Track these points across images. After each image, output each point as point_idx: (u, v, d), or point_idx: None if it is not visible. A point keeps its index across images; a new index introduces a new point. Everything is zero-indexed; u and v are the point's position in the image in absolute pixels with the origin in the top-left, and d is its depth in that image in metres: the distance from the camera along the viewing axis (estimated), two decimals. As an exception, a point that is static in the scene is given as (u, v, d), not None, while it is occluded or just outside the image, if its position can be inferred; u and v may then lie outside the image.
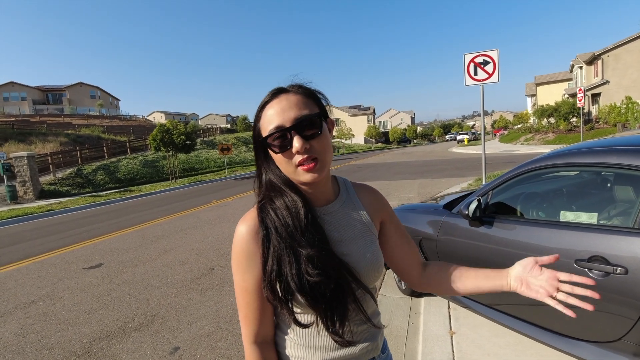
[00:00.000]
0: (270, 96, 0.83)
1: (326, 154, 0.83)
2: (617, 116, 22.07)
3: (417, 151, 33.94)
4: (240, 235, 0.83)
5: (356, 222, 0.92)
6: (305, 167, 0.79)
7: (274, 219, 0.83)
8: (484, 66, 6.95)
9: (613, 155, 1.93)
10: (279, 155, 0.81)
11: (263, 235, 0.82)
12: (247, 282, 0.83)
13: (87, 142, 28.22)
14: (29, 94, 51.31)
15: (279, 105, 0.81)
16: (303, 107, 0.81)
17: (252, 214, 0.86)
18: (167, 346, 2.99)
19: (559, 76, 41.37)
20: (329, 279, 0.79)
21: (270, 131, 0.80)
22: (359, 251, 0.88)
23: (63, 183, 18.46)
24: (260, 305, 0.84)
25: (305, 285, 0.78)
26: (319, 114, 0.83)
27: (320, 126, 0.82)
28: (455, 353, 2.44)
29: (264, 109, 0.83)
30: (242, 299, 0.85)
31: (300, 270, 0.79)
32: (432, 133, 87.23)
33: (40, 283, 4.81)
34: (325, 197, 0.91)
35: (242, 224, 0.84)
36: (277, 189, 0.86)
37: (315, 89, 0.88)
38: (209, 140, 35.56)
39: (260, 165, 0.90)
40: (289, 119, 0.79)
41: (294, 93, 0.83)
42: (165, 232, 7.36)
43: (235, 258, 0.84)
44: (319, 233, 0.83)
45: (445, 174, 13.19)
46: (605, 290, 1.73)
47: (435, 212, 3.04)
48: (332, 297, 0.80)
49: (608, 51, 26.70)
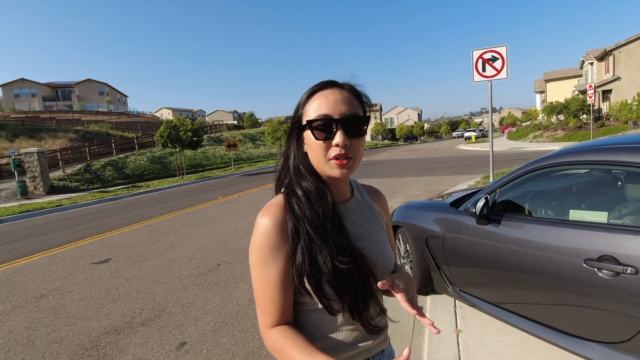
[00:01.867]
0: (323, 85, 0.86)
1: (359, 155, 0.85)
2: (629, 113, 21.69)
3: (424, 148, 33.74)
4: (263, 228, 0.82)
5: (372, 220, 0.96)
6: (339, 162, 0.81)
7: (304, 205, 0.84)
8: (493, 62, 6.86)
9: (625, 153, 1.89)
10: (318, 142, 0.82)
11: (292, 226, 0.82)
12: (269, 275, 0.82)
13: (96, 138, 28.52)
14: (39, 90, 51.96)
15: (332, 96, 0.83)
16: (353, 106, 0.84)
17: (276, 206, 0.85)
18: (173, 341, 3.02)
19: (569, 72, 40.74)
20: (357, 267, 0.83)
21: (318, 117, 0.81)
22: (376, 247, 0.91)
23: (72, 179, 18.68)
24: (283, 297, 0.83)
25: (337, 273, 0.80)
26: (364, 117, 0.86)
27: (363, 129, 0.85)
28: (461, 351, 2.42)
29: (314, 95, 0.85)
30: (262, 292, 0.83)
31: (331, 258, 0.80)
32: (439, 130, 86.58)
33: (50, 277, 4.88)
34: (344, 194, 0.93)
35: (266, 217, 0.83)
36: (304, 176, 0.88)
37: (365, 94, 0.90)
38: (216, 137, 35.69)
39: (290, 147, 0.91)
40: (339, 111, 0.81)
41: (347, 90, 0.86)
42: (172, 228, 7.42)
43: (258, 251, 0.82)
44: (343, 226, 0.86)
45: (452, 171, 13.09)
46: (615, 290, 1.70)
47: (442, 209, 3.02)
48: (358, 287, 0.83)
49: (620, 47, 26.20)
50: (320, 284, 0.80)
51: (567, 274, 1.88)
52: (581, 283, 1.82)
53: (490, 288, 2.47)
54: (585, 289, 1.81)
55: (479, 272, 2.51)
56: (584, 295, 1.82)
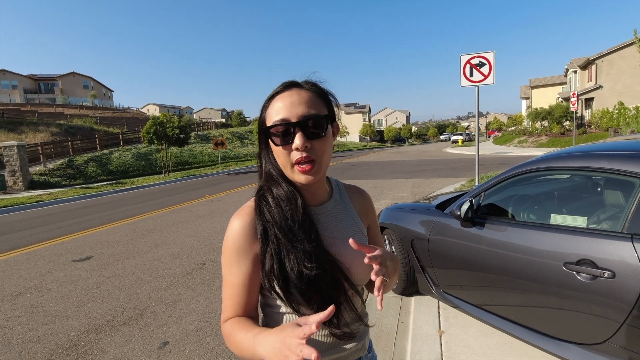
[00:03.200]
0: (283, 87, 0.84)
1: (325, 156, 0.82)
2: (609, 121, 22.34)
3: (412, 151, 34.05)
4: (233, 231, 0.83)
5: (349, 223, 0.93)
6: (302, 168, 0.80)
7: (273, 210, 0.83)
8: (480, 68, 6.98)
9: (604, 160, 1.95)
10: (278, 148, 0.81)
11: (261, 230, 0.82)
12: (233, 277, 0.84)
13: (79, 132, 27.87)
14: (20, 82, 50.46)
15: (289, 98, 0.80)
16: (313, 105, 0.81)
17: (247, 209, 0.86)
18: (156, 341, 2.97)
19: (553, 80, 41.72)
20: (325, 273, 0.80)
21: (275, 122, 0.80)
22: (352, 252, 0.87)
23: (54, 174, 18.22)
24: (243, 299, 0.84)
25: (303, 279, 0.78)
26: (327, 116, 0.83)
27: (325, 128, 0.82)
28: (443, 352, 2.45)
29: (273, 99, 0.83)
30: (226, 291, 0.86)
31: (298, 264, 0.79)
32: (427, 133, 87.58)
33: (28, 275, 4.75)
34: (319, 197, 0.91)
35: (237, 219, 0.84)
36: (276, 180, 0.87)
37: (329, 90, 0.88)
38: (204, 135, 35.30)
39: (261, 153, 0.91)
40: (296, 114, 0.79)
41: (307, 90, 0.83)
42: (157, 225, 7.30)
43: (226, 253, 0.84)
44: (314, 230, 0.84)
45: (438, 174, 13.25)
46: (592, 293, 1.75)
47: (427, 212, 3.05)
48: (328, 292, 0.81)
49: (602, 56, 26.97)
50: (289, 288, 0.80)
51: (547, 276, 1.93)
52: (560, 286, 1.87)
53: (473, 290, 2.51)
54: (564, 292, 1.85)
55: (462, 274, 2.55)
56: (562, 297, 1.87)
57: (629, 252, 1.67)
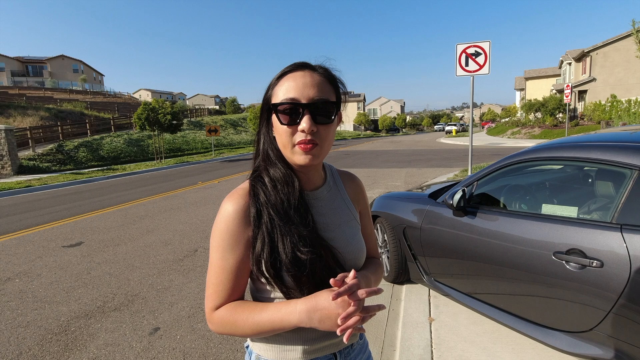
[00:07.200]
0: (295, 67, 0.82)
1: (327, 143, 0.82)
2: (602, 114, 22.54)
3: (406, 140, 34.09)
4: (226, 214, 0.81)
5: (342, 209, 0.93)
6: (304, 146, 0.78)
7: (269, 192, 0.82)
8: (476, 57, 6.94)
9: (596, 151, 1.95)
10: (282, 127, 0.79)
11: (254, 213, 0.80)
12: (226, 262, 0.81)
13: (69, 117, 27.36)
14: (7, 64, 49.16)
15: (302, 79, 0.79)
16: (323, 90, 0.80)
17: (241, 192, 0.84)
18: (147, 326, 2.97)
19: (548, 71, 41.80)
20: (320, 257, 0.80)
21: (284, 100, 0.78)
22: (345, 237, 0.88)
23: (43, 159, 17.92)
24: (235, 284, 0.82)
25: (297, 262, 0.77)
26: (336, 103, 0.82)
27: (333, 115, 0.81)
28: (433, 339, 2.49)
29: (283, 77, 0.81)
30: (216, 277, 0.82)
31: (292, 248, 0.78)
32: (421, 123, 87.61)
33: (17, 260, 4.70)
34: (314, 182, 0.90)
35: (230, 202, 0.82)
36: (273, 161, 0.85)
37: (340, 78, 0.87)
38: (197, 121, 34.89)
39: (261, 130, 0.89)
40: (307, 96, 0.77)
41: (319, 74, 0.82)
42: (148, 212, 7.25)
43: (219, 237, 0.81)
44: (309, 214, 0.83)
45: (432, 163, 13.30)
46: (580, 282, 1.77)
47: (420, 200, 3.06)
48: (320, 277, 0.80)
49: (597, 49, 27.01)
50: (280, 272, 0.78)
51: (536, 265, 1.95)
52: (550, 275, 1.89)
53: (464, 278, 2.53)
54: (553, 281, 1.88)
55: (453, 262, 2.57)
56: (551, 286, 1.89)
57: (617, 242, 1.68)
